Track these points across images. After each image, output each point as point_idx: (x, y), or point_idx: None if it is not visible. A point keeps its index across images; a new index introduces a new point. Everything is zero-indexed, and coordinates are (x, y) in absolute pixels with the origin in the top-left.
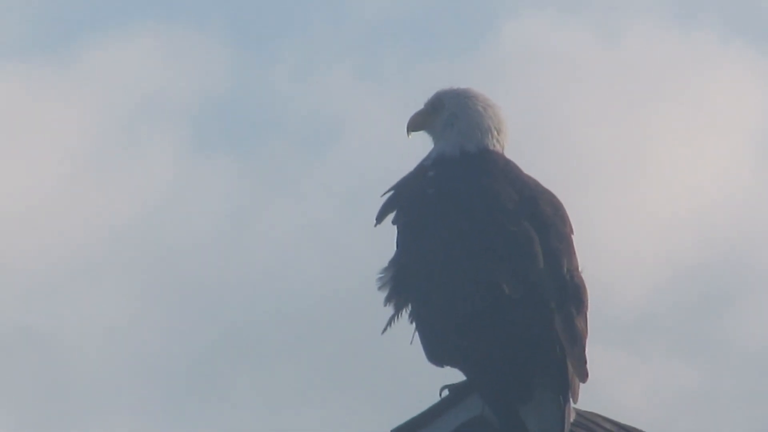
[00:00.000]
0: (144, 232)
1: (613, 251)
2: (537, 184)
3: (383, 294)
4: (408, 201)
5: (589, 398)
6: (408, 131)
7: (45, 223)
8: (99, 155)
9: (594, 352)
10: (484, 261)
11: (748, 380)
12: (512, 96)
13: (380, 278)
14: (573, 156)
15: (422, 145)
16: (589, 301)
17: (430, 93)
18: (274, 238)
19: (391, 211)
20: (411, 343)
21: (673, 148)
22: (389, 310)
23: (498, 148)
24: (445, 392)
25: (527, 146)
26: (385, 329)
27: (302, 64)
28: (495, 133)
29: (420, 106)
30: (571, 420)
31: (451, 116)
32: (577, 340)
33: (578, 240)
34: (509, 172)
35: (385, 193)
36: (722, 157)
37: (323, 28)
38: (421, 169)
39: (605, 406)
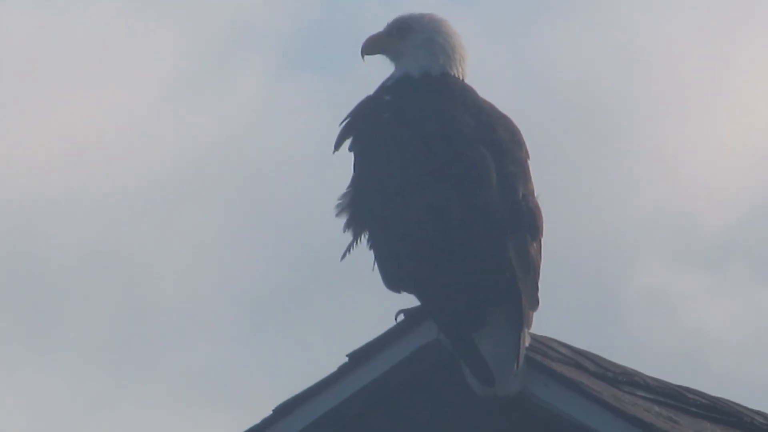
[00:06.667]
0: (233, 155)
1: (698, 181)
2: (493, 109)
3: (341, 220)
4: (364, 126)
5: (672, 314)
6: (363, 54)
7: (135, 145)
8: (190, 78)
9: (679, 272)
10: (438, 186)
11: None
12: (596, 23)
13: (338, 205)
14: (656, 86)
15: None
16: (543, 227)
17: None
18: None
19: (348, 138)
20: (373, 270)
21: (758, 80)
22: (348, 236)
23: (460, 74)
24: (401, 317)
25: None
26: (344, 255)
27: None
28: (459, 59)
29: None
30: (526, 345)
31: (426, 40)
32: (530, 267)
33: (663, 167)
34: (466, 97)
35: (342, 121)
36: None
37: None
38: (378, 93)
39: (688, 325)
